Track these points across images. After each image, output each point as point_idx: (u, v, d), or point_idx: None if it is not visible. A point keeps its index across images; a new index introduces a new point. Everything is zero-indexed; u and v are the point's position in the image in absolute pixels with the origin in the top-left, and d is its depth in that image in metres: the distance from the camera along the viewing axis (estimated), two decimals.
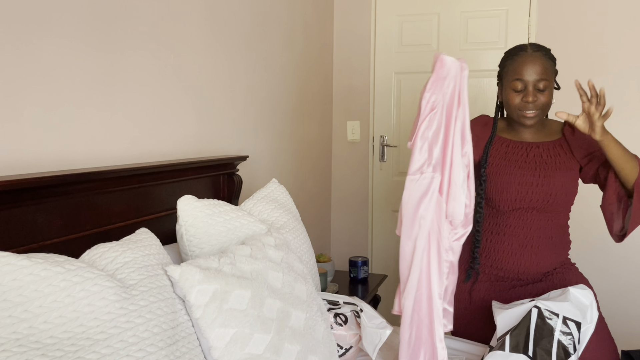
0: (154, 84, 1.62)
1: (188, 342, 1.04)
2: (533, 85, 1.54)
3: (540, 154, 1.62)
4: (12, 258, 0.85)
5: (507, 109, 1.61)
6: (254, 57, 2.22)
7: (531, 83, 1.54)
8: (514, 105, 1.57)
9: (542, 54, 1.56)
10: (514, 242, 1.62)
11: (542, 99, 1.54)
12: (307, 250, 1.60)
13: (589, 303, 1.40)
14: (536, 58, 1.54)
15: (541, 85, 1.53)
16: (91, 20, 1.37)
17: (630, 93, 2.68)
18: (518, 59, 1.56)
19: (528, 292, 1.62)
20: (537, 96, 1.54)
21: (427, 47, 3.02)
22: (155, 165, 1.50)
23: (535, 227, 1.61)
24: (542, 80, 1.53)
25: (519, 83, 1.55)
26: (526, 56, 1.55)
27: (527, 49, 1.57)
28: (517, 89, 1.55)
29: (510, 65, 1.58)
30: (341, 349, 1.38)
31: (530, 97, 1.53)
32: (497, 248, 1.64)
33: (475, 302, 1.68)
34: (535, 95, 1.54)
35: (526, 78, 1.54)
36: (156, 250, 1.13)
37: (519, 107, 1.56)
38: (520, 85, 1.55)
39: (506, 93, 1.60)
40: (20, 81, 1.18)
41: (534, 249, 1.61)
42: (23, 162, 1.20)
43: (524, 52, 1.56)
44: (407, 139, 3.20)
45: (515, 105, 1.57)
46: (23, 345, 0.81)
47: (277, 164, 2.48)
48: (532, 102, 1.53)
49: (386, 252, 3.20)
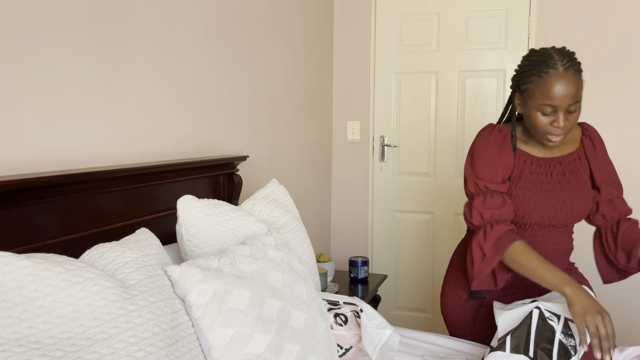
0: (154, 83, 1.62)
1: (188, 342, 1.04)
2: (564, 110, 1.38)
3: (562, 172, 1.53)
4: (12, 258, 0.85)
5: (532, 129, 1.46)
6: (254, 57, 2.22)
7: (562, 108, 1.38)
8: (542, 129, 1.42)
9: (574, 71, 1.37)
10: None
11: (572, 120, 1.41)
12: (307, 250, 1.60)
13: None
14: (569, 78, 1.36)
15: (572, 107, 1.38)
16: (91, 20, 1.37)
17: (630, 93, 2.68)
18: (548, 79, 1.37)
19: (529, 294, 1.62)
20: (567, 119, 1.40)
21: (427, 47, 3.02)
22: (155, 165, 1.50)
23: (550, 243, 1.57)
24: (575, 103, 1.38)
25: (548, 108, 1.38)
26: (557, 76, 1.36)
27: (558, 65, 1.37)
28: (545, 112, 1.40)
29: (538, 84, 1.39)
30: (341, 349, 1.38)
31: (561, 123, 1.39)
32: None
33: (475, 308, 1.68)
34: (566, 120, 1.39)
35: (557, 103, 1.37)
36: (156, 250, 1.13)
37: (547, 131, 1.42)
38: (550, 109, 1.39)
39: (531, 114, 1.43)
40: (20, 81, 1.18)
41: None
42: (23, 162, 1.20)
43: (554, 70, 1.36)
44: (407, 139, 3.21)
45: (544, 130, 1.42)
46: (23, 345, 0.80)
47: (277, 164, 2.48)
48: (562, 127, 1.40)
49: (386, 252, 3.20)
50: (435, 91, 3.03)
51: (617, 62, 2.69)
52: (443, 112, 3.02)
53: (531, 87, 1.41)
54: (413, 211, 3.13)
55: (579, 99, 1.38)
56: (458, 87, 2.99)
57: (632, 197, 2.71)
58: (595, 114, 2.68)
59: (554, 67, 1.37)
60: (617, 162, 2.69)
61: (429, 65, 3.03)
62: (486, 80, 2.94)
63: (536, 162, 1.53)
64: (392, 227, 3.18)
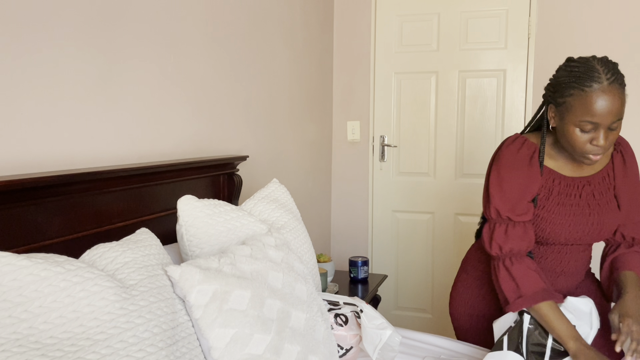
0: (154, 83, 1.62)
1: (188, 342, 1.04)
2: (606, 127, 1.27)
3: (592, 193, 1.45)
4: (12, 258, 0.85)
5: (568, 146, 1.35)
6: (254, 56, 2.22)
7: (604, 126, 1.27)
8: (579, 147, 1.32)
9: (618, 84, 1.27)
10: (548, 274, 1.53)
11: (612, 138, 1.30)
12: (307, 250, 1.59)
13: (588, 310, 1.40)
14: (614, 94, 1.25)
15: (614, 125, 1.28)
16: (91, 20, 1.37)
17: (631, 93, 2.68)
18: (592, 93, 1.25)
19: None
20: (607, 137, 1.29)
21: (427, 47, 3.02)
22: (155, 165, 1.49)
23: (573, 260, 1.52)
24: (617, 120, 1.27)
25: (588, 125, 1.28)
26: (602, 91, 1.25)
27: (602, 78, 1.25)
28: (585, 130, 1.29)
29: (579, 98, 1.28)
30: (341, 350, 1.38)
31: (601, 141, 1.28)
32: None
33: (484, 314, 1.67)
34: (606, 138, 1.28)
35: (599, 120, 1.26)
36: (156, 251, 1.13)
37: (584, 150, 1.31)
38: (590, 127, 1.28)
39: (568, 129, 1.32)
40: (20, 81, 1.18)
41: (567, 279, 1.54)
42: (23, 162, 1.20)
43: (598, 85, 1.25)
44: (407, 139, 3.21)
45: (581, 148, 1.32)
46: (23, 346, 0.80)
47: (277, 164, 2.48)
48: (603, 146, 1.29)
49: (386, 252, 3.20)
50: (435, 91, 3.03)
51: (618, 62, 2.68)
52: (443, 112, 3.02)
53: (570, 101, 1.29)
54: (413, 211, 3.13)
55: (621, 116, 1.28)
56: (458, 87, 2.99)
57: None
58: None
59: (598, 81, 1.25)
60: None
61: (429, 65, 3.03)
62: (486, 80, 2.93)
63: (564, 182, 1.44)
64: (392, 227, 3.18)
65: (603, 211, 1.45)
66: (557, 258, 1.51)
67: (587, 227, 1.45)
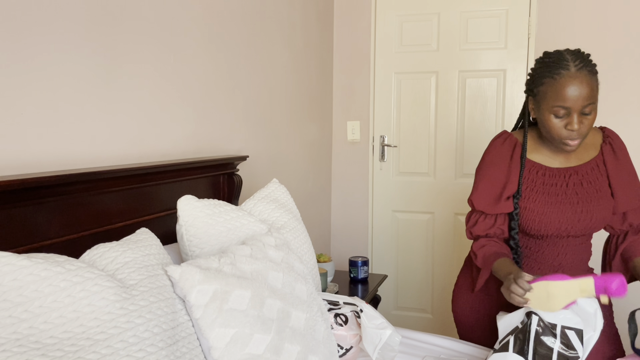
0: (154, 83, 1.62)
1: (188, 342, 1.04)
2: (578, 111, 1.35)
3: (580, 182, 1.48)
4: (12, 258, 0.85)
5: (547, 134, 1.43)
6: (254, 57, 2.22)
7: (576, 110, 1.34)
8: (556, 133, 1.39)
9: (587, 71, 1.34)
10: (545, 268, 1.55)
11: (587, 123, 1.36)
12: (307, 250, 1.59)
13: (593, 311, 1.39)
14: (582, 78, 1.33)
15: (587, 109, 1.35)
16: (91, 20, 1.37)
17: (631, 93, 2.68)
18: (560, 80, 1.34)
19: None
20: (582, 122, 1.36)
21: (427, 47, 3.02)
22: (155, 165, 1.49)
23: (570, 253, 1.54)
24: (589, 104, 1.34)
25: (561, 110, 1.35)
26: (570, 77, 1.33)
27: (570, 65, 1.34)
28: (559, 115, 1.36)
29: (550, 85, 1.36)
30: (341, 349, 1.38)
31: (575, 125, 1.35)
32: (526, 271, 1.57)
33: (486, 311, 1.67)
34: (580, 122, 1.36)
35: (570, 105, 1.34)
36: (156, 250, 1.13)
37: (561, 135, 1.39)
38: (563, 111, 1.36)
39: (545, 117, 1.40)
40: (20, 81, 1.18)
41: (565, 272, 1.55)
42: (23, 162, 1.20)
43: (566, 71, 1.34)
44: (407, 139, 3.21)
45: (557, 133, 1.39)
46: (23, 346, 0.80)
47: (277, 164, 2.48)
48: (577, 130, 1.36)
49: (386, 252, 3.20)
50: (435, 91, 3.03)
51: (618, 62, 2.69)
52: (443, 112, 3.02)
53: (543, 89, 1.38)
54: (413, 211, 3.13)
55: (593, 100, 1.34)
56: (458, 87, 2.99)
57: None
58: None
59: (566, 68, 1.34)
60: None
61: (429, 65, 3.03)
62: (486, 80, 2.93)
63: (549, 172, 1.50)
64: (392, 227, 3.18)
65: (592, 199, 1.47)
66: (554, 251, 1.54)
67: (576, 216, 1.47)
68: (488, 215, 1.55)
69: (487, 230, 1.55)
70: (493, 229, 1.55)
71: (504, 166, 1.51)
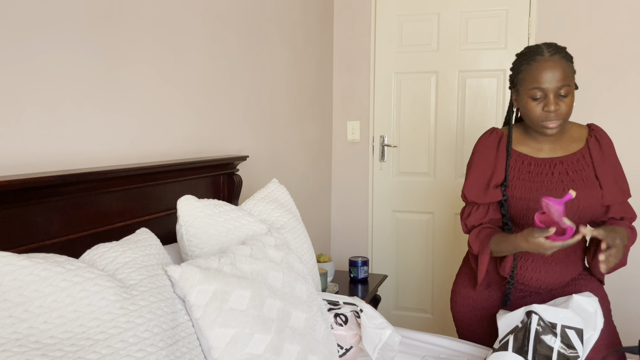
0: (154, 83, 1.62)
1: (188, 342, 1.04)
2: (554, 92, 1.43)
3: (565, 171, 1.53)
4: (13, 258, 0.85)
5: (527, 119, 1.51)
6: (254, 57, 2.22)
7: (552, 91, 1.43)
8: (535, 116, 1.47)
9: (560, 56, 1.45)
10: (539, 258, 1.57)
11: (564, 106, 1.44)
12: (307, 250, 1.60)
13: (593, 310, 1.39)
14: (555, 62, 1.43)
15: (562, 91, 1.43)
16: (91, 20, 1.37)
17: (630, 93, 2.68)
18: (535, 64, 1.45)
19: (541, 300, 1.60)
20: (559, 104, 1.43)
21: (427, 47, 3.02)
22: (155, 165, 1.50)
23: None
24: (563, 86, 1.42)
25: (538, 92, 1.44)
26: (543, 61, 1.43)
27: (544, 52, 1.45)
28: (536, 97, 1.45)
29: (526, 71, 1.47)
30: (341, 349, 1.38)
31: (552, 106, 1.42)
32: (520, 264, 1.58)
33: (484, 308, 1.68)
34: (557, 104, 1.43)
35: (546, 86, 1.43)
36: (156, 250, 1.13)
37: (540, 117, 1.46)
38: (540, 93, 1.44)
39: (524, 102, 1.48)
40: (20, 81, 1.18)
41: (559, 265, 1.57)
42: (23, 162, 1.20)
43: (540, 57, 1.45)
44: (407, 139, 3.21)
45: (536, 116, 1.46)
46: (23, 345, 0.80)
47: (277, 164, 2.48)
48: (554, 111, 1.43)
49: (386, 252, 3.20)
50: (435, 91, 3.03)
51: (617, 62, 2.69)
52: (443, 112, 3.02)
53: (521, 77, 1.49)
54: (413, 211, 3.13)
55: (568, 82, 1.43)
56: (458, 87, 2.99)
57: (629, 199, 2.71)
58: (594, 113, 2.68)
59: (540, 54, 1.45)
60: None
61: (429, 65, 3.03)
62: (486, 80, 2.94)
63: (535, 162, 1.55)
64: (392, 227, 3.18)
65: (578, 187, 1.51)
66: None
67: None
68: (480, 206, 1.59)
69: (480, 219, 1.59)
70: (486, 218, 1.59)
71: (491, 156, 1.58)
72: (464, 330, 1.72)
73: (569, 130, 1.59)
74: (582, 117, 2.66)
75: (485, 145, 1.61)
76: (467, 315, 1.70)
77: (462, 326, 1.73)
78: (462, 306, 1.70)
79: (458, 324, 1.74)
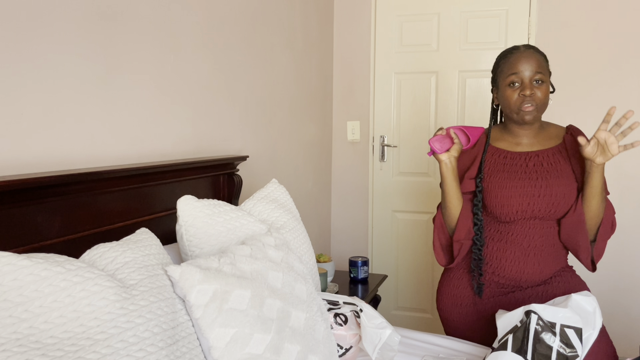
0: (154, 84, 1.62)
1: (188, 342, 1.04)
2: (530, 79, 1.55)
3: (540, 162, 1.61)
4: (13, 258, 0.85)
5: (505, 106, 1.60)
6: (253, 57, 2.22)
7: (527, 77, 1.55)
8: (512, 101, 1.57)
9: (534, 50, 1.58)
10: (517, 250, 1.61)
11: (540, 92, 1.55)
12: (307, 250, 1.60)
13: (592, 310, 1.39)
14: (530, 54, 1.57)
15: (537, 77, 1.55)
16: (91, 19, 1.37)
17: (629, 93, 2.69)
18: (512, 56, 1.59)
19: (528, 296, 1.62)
20: (534, 90, 1.54)
21: (427, 47, 3.02)
22: (155, 165, 1.50)
23: (537, 235, 1.60)
24: (537, 73, 1.54)
25: (515, 77, 1.56)
26: (519, 53, 1.57)
27: (519, 47, 1.60)
28: (513, 82, 1.56)
29: (504, 64, 1.60)
30: (341, 349, 1.38)
31: (527, 91, 1.53)
32: (500, 256, 1.63)
33: (478, 306, 1.69)
34: (532, 89, 1.54)
35: (522, 72, 1.55)
36: (156, 250, 1.13)
37: (517, 102, 1.56)
38: (517, 79, 1.56)
39: (502, 91, 1.60)
40: (20, 81, 1.18)
41: (537, 257, 1.60)
42: (23, 162, 1.20)
43: (516, 50, 1.59)
44: (407, 139, 3.21)
45: (514, 101, 1.56)
46: (23, 345, 0.81)
47: (277, 164, 2.48)
48: (530, 95, 1.53)
49: (386, 252, 3.20)
50: (435, 91, 3.03)
51: (617, 62, 2.69)
52: (443, 112, 3.02)
53: (499, 70, 1.62)
54: (413, 211, 3.14)
55: (542, 71, 1.55)
56: (458, 87, 2.99)
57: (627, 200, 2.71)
58: (593, 114, 2.68)
59: (516, 48, 1.60)
60: (613, 163, 2.69)
61: (429, 65, 3.03)
62: (486, 80, 2.93)
63: (511, 156, 1.64)
64: (392, 227, 3.18)
65: (552, 177, 1.58)
66: (522, 232, 1.61)
67: (536, 192, 1.57)
68: None
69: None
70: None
71: (472, 153, 1.69)
72: (451, 327, 1.77)
73: (547, 129, 1.67)
74: (582, 117, 2.66)
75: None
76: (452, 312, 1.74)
77: (448, 324, 1.78)
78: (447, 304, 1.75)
79: (445, 323, 1.79)
